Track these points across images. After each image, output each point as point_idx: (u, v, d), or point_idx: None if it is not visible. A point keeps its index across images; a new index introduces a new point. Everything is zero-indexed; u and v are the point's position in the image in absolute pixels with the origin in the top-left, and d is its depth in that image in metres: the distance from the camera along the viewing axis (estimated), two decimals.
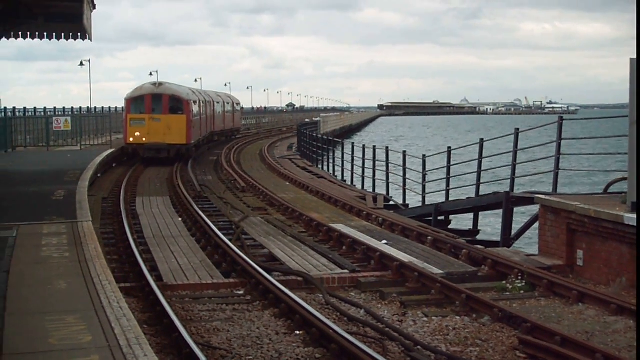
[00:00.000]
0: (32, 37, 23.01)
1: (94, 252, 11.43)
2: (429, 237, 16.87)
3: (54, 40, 23.04)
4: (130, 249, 15.19)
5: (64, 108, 49.99)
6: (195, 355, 8.93)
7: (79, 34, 22.87)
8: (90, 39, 22.80)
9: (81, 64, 71.15)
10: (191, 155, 38.50)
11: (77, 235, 12.90)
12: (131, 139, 36.91)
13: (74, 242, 12.22)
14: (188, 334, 9.83)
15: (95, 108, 58.60)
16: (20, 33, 22.91)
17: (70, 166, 26.35)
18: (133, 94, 38.20)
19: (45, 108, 46.27)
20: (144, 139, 36.66)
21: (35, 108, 45.39)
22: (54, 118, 38.59)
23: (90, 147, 38.35)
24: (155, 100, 37.46)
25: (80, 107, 55.73)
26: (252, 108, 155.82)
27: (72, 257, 11.10)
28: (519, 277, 13.45)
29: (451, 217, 23.98)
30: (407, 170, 28.08)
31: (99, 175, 28.03)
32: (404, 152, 28.98)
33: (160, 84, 39.24)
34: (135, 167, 34.72)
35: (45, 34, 22.92)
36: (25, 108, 44.81)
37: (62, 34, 22.95)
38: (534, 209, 18.06)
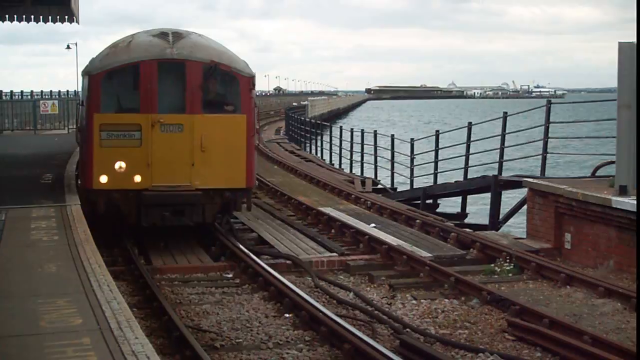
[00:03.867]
0: (19, 20, 22.90)
1: (83, 235, 11.41)
2: (418, 221, 16.90)
3: (41, 23, 22.95)
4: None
5: (51, 91, 49.79)
6: (185, 338, 8.95)
7: (67, 17, 22.78)
8: (77, 21, 22.72)
9: (68, 47, 70.76)
10: (248, 208, 15.43)
11: (66, 218, 12.86)
12: (103, 180, 14.11)
13: (63, 226, 12.18)
14: (177, 317, 9.85)
15: None
16: (7, 16, 22.80)
17: (58, 150, 26.23)
18: (107, 62, 14.38)
19: (32, 91, 46.11)
20: (138, 180, 14.11)
21: (22, 91, 45.17)
22: (41, 101, 38.37)
23: None
24: (168, 78, 14.36)
25: (68, 91, 55.45)
26: None
27: (61, 240, 11.07)
28: (507, 260, 13.50)
29: (439, 200, 24.03)
30: (395, 153, 28.10)
31: None
32: (392, 135, 28.99)
33: (178, 34, 14.88)
34: None
35: (32, 17, 22.79)
36: (12, 91, 44.60)
37: (50, 17, 22.85)
38: (522, 192, 18.12)
